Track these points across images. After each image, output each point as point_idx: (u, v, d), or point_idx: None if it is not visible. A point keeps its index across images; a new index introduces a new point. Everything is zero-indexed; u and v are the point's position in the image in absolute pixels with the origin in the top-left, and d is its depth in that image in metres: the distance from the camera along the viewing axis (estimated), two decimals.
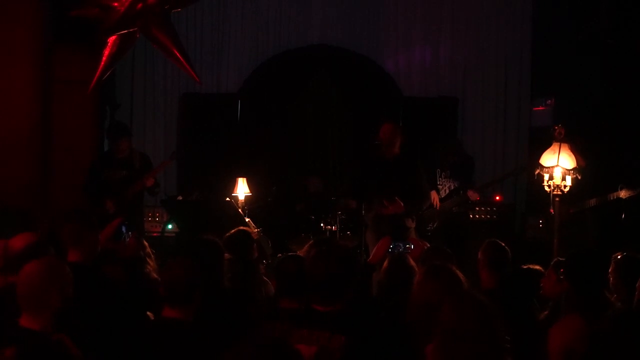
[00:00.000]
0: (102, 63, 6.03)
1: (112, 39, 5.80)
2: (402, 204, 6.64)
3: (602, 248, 4.69)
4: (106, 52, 5.88)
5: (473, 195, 7.79)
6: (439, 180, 7.95)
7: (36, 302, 3.33)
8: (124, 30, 5.77)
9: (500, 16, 10.28)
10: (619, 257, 4.31)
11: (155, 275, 4.65)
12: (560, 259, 4.67)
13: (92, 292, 4.06)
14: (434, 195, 7.83)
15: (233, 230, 5.02)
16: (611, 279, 4.25)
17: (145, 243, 5.01)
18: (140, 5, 5.61)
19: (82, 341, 3.39)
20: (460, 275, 3.50)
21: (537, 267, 4.73)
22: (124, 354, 3.50)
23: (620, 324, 3.05)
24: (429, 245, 5.13)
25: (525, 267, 4.80)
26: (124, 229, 4.69)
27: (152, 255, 4.94)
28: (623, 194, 7.05)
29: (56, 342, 2.62)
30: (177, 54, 5.87)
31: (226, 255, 4.59)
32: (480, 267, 4.79)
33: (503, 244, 4.85)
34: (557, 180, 6.42)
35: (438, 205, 7.83)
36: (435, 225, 7.86)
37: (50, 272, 3.42)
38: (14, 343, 2.67)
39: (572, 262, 4.01)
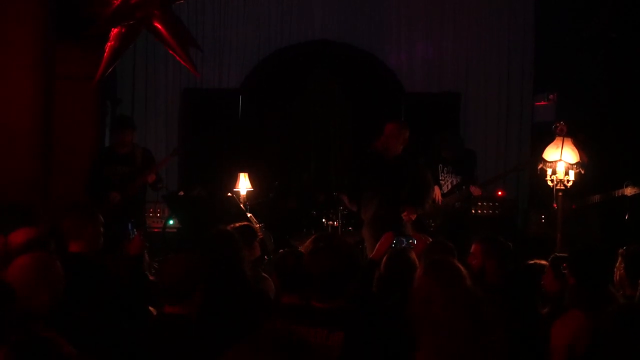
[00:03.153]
0: (105, 57, 6.01)
1: (113, 33, 5.77)
2: (413, 210, 6.61)
3: (606, 244, 4.65)
4: (108, 46, 5.85)
5: (475, 191, 7.76)
6: (441, 176, 7.91)
7: (25, 297, 3.30)
8: (120, 23, 5.73)
9: (503, 11, 10.26)
10: (625, 250, 4.28)
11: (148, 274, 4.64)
12: (558, 255, 4.65)
13: (91, 284, 4.06)
14: (436, 190, 7.79)
15: (238, 224, 4.98)
16: (617, 273, 4.22)
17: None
18: (135, 0, 5.58)
19: (80, 333, 3.37)
20: (463, 269, 3.47)
21: (544, 262, 4.70)
22: (122, 347, 3.48)
23: (622, 320, 3.03)
24: (431, 240, 5.09)
25: (531, 262, 4.77)
26: (129, 226, 4.67)
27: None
28: (629, 191, 7.00)
29: (45, 340, 2.59)
30: (177, 47, 5.83)
31: None
32: (485, 260, 4.73)
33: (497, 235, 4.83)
34: (560, 174, 6.39)
35: (440, 201, 7.80)
36: (437, 221, 7.83)
37: (40, 267, 3.39)
38: (6, 339, 2.65)
39: (578, 257, 3.97)
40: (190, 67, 6.06)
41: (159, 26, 5.71)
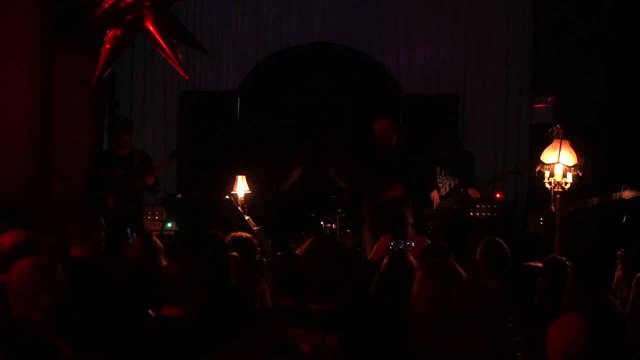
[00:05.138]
0: (102, 60, 5.98)
1: (109, 36, 5.76)
2: (401, 188, 6.63)
3: (605, 247, 4.64)
4: (104, 49, 5.84)
5: (473, 193, 7.76)
6: (439, 178, 7.92)
7: (26, 300, 3.30)
8: (111, 26, 5.71)
9: (501, 13, 10.26)
10: (624, 253, 4.30)
11: None
12: (551, 256, 4.67)
13: (92, 287, 4.06)
14: (434, 193, 7.81)
15: (241, 232, 5.00)
16: (615, 275, 4.22)
17: (157, 240, 4.98)
18: (124, 3, 5.55)
19: (80, 336, 3.37)
20: (462, 271, 3.49)
21: (539, 264, 4.71)
22: (121, 350, 3.49)
23: (619, 324, 3.04)
24: (429, 242, 5.10)
25: (526, 264, 4.78)
26: (129, 230, 4.66)
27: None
28: (626, 194, 6.98)
29: (46, 343, 2.60)
30: (167, 49, 5.80)
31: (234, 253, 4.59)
32: (479, 266, 4.79)
33: (500, 241, 4.83)
34: (558, 177, 6.39)
35: (437, 203, 7.81)
36: (436, 223, 7.84)
37: (41, 270, 3.40)
38: (4, 342, 2.65)
39: (582, 259, 3.98)
40: (180, 69, 6.04)
41: (150, 27, 5.68)
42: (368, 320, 3.38)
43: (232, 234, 5.00)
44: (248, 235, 5.13)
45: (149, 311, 4.10)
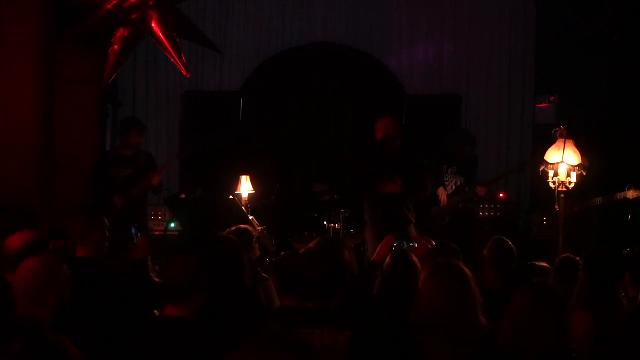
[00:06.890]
0: (111, 61, 5.98)
1: (117, 36, 5.76)
2: (400, 184, 6.59)
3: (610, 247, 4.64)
4: (113, 50, 5.83)
5: (481, 191, 7.75)
6: (446, 177, 7.91)
7: (32, 300, 3.31)
8: (116, 27, 5.71)
9: (504, 13, 10.26)
10: (631, 252, 4.29)
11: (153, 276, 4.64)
12: (563, 256, 4.65)
13: (96, 287, 4.07)
14: (441, 191, 7.79)
15: (234, 227, 5.00)
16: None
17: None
18: (128, 3, 5.55)
19: (84, 335, 3.37)
20: (468, 271, 3.47)
21: (544, 264, 4.70)
22: (124, 350, 3.49)
23: (628, 324, 3.03)
24: (434, 243, 5.08)
25: (530, 263, 4.77)
26: (133, 230, 4.65)
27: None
28: (631, 194, 6.96)
29: (53, 343, 2.61)
30: (170, 48, 5.79)
31: None
32: (486, 265, 4.76)
33: (510, 243, 4.81)
34: (562, 176, 6.37)
35: (444, 202, 7.79)
36: (444, 223, 7.82)
37: (48, 270, 3.42)
38: (12, 342, 2.67)
39: (595, 257, 3.97)
40: (182, 68, 6.04)
41: (154, 26, 5.67)
42: (378, 319, 3.38)
43: (228, 230, 4.98)
44: (246, 229, 5.11)
45: (154, 311, 4.10)
